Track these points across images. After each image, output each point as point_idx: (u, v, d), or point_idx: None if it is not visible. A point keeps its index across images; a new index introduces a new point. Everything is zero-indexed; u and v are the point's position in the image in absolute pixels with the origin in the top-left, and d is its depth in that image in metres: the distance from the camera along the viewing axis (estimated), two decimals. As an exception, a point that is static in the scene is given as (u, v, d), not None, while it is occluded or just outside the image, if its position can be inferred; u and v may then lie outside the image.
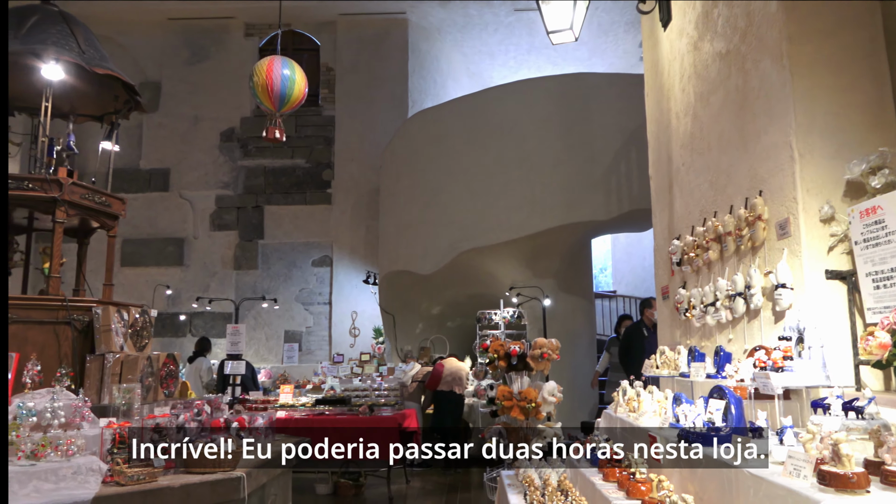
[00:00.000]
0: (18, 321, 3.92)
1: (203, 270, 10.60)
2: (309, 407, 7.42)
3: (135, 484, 3.21)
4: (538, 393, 6.04)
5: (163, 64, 11.08)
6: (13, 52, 4.18)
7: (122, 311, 4.40)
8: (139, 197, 10.52)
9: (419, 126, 9.54)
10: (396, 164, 9.79)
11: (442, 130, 9.03)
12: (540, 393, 6.04)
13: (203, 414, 4.22)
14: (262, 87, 5.58)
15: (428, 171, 9.07)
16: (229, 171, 10.86)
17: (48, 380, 3.71)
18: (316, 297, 10.54)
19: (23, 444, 3.23)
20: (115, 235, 4.83)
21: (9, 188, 4.06)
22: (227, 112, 10.94)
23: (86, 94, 5.00)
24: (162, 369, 4.37)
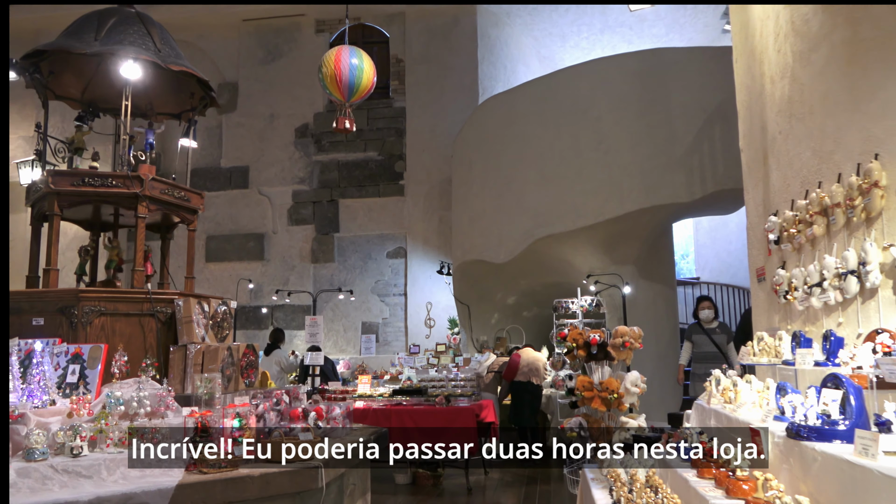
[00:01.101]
0: (106, 313, 4.05)
1: (282, 264, 10.85)
2: (386, 397, 7.43)
3: (216, 472, 3.24)
4: (620, 383, 5.78)
5: (239, 65, 11.40)
6: (93, 53, 4.32)
7: (202, 303, 4.49)
8: (221, 195, 10.88)
9: (490, 112, 9.35)
10: (468, 152, 9.65)
11: (514, 115, 8.82)
12: (622, 383, 5.76)
13: (282, 403, 4.25)
14: (330, 77, 5.58)
15: (501, 157, 8.89)
16: (304, 167, 11.05)
17: (134, 370, 3.81)
18: (391, 288, 10.58)
19: (111, 433, 3.32)
20: (195, 230, 4.94)
21: (94, 185, 4.21)
22: (301, 108, 11.13)
23: (163, 93, 5.14)
24: (242, 359, 4.43)
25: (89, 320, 3.99)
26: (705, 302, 6.93)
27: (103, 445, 3.29)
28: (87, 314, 3.98)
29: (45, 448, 3.09)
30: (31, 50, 4.37)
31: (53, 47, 4.32)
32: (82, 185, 4.21)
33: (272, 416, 4.02)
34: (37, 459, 3.03)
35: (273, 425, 3.93)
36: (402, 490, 7.03)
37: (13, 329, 4.19)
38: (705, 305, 6.86)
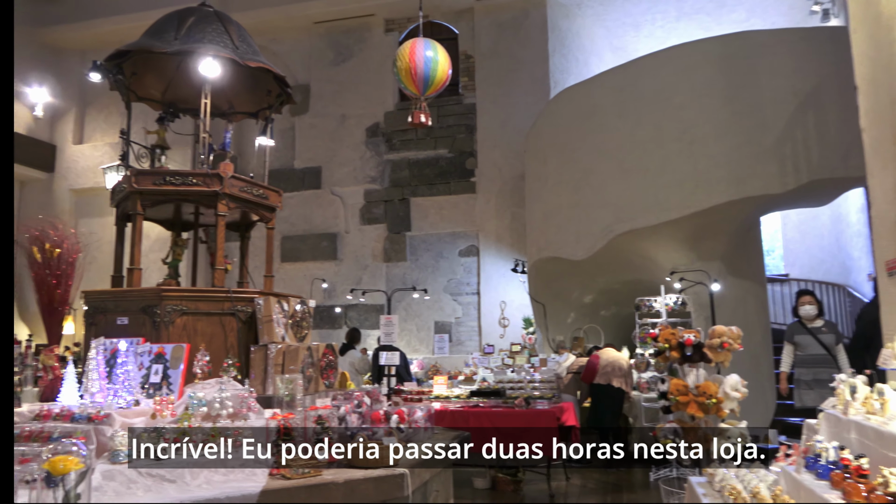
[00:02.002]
0: (188, 312, 4.03)
1: (355, 263, 10.86)
2: (463, 398, 7.23)
3: (300, 478, 3.11)
4: (718, 387, 5.36)
5: (311, 67, 11.50)
6: (173, 52, 4.32)
7: (282, 302, 4.41)
8: (294, 195, 10.99)
9: (565, 105, 9.02)
10: (542, 147, 9.34)
11: (590, 107, 8.45)
12: (721, 387, 5.35)
13: (363, 406, 4.11)
14: (405, 71, 5.43)
15: (577, 151, 8.54)
16: (376, 166, 11.03)
17: (216, 370, 3.76)
18: (464, 287, 10.40)
19: (195, 434, 3.26)
20: (273, 227, 4.89)
21: (175, 184, 4.20)
22: (371, 108, 11.12)
23: (241, 92, 5.13)
24: (322, 360, 4.33)
25: (171, 320, 3.97)
26: (806, 297, 6.16)
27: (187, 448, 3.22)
28: (170, 313, 3.96)
29: (130, 450, 3.05)
30: (114, 51, 4.42)
31: (135, 47, 4.35)
32: (164, 183, 4.21)
33: (354, 419, 3.89)
34: (122, 461, 2.99)
35: (355, 428, 3.80)
36: (481, 495, 6.81)
37: (99, 328, 4.23)
38: (806, 300, 6.10)
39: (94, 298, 4.33)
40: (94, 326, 4.30)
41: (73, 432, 3.18)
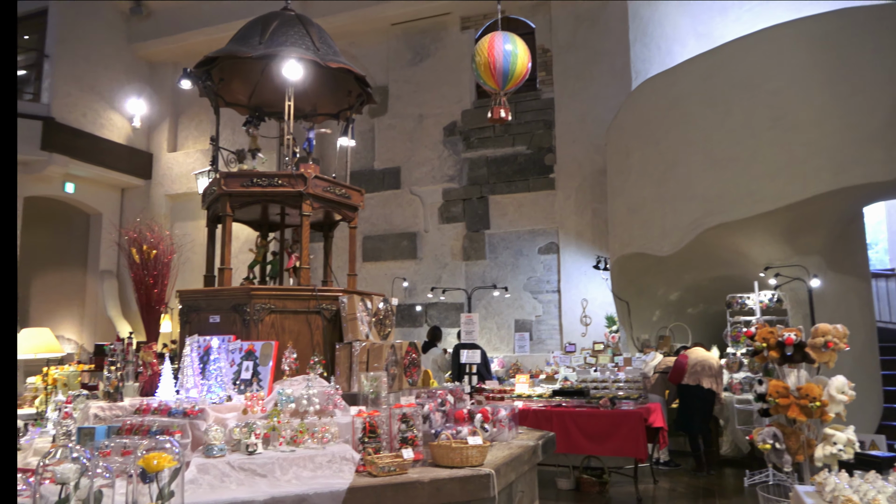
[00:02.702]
0: (276, 311, 4.12)
1: (435, 262, 10.89)
2: (546, 398, 7.10)
3: (386, 476, 3.11)
4: (823, 389, 4.98)
5: (388, 68, 11.63)
6: (258, 57, 4.43)
7: (365, 301, 4.45)
8: (375, 196, 11.15)
9: (648, 95, 8.68)
10: (624, 140, 9.04)
11: (675, 96, 8.09)
12: (825, 389, 4.97)
13: (447, 404, 4.08)
14: (484, 65, 5.36)
15: (661, 142, 8.20)
16: (454, 165, 11.02)
17: (303, 367, 3.82)
18: (544, 285, 10.22)
19: (283, 431, 3.32)
20: (356, 227, 4.94)
21: (262, 185, 4.31)
22: (448, 107, 11.12)
23: (323, 93, 5.21)
24: (405, 358, 4.33)
25: (260, 317, 4.07)
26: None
27: (276, 443, 3.28)
28: (259, 311, 4.07)
29: (223, 444, 3.13)
30: (203, 58, 4.58)
31: (222, 53, 4.50)
32: (251, 185, 4.33)
33: (438, 418, 3.86)
34: (215, 455, 3.07)
35: (439, 427, 3.76)
36: (565, 496, 6.66)
37: (193, 326, 4.41)
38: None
39: (187, 297, 4.51)
40: (188, 324, 4.48)
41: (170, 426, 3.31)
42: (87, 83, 11.91)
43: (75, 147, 11.38)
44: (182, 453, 2.20)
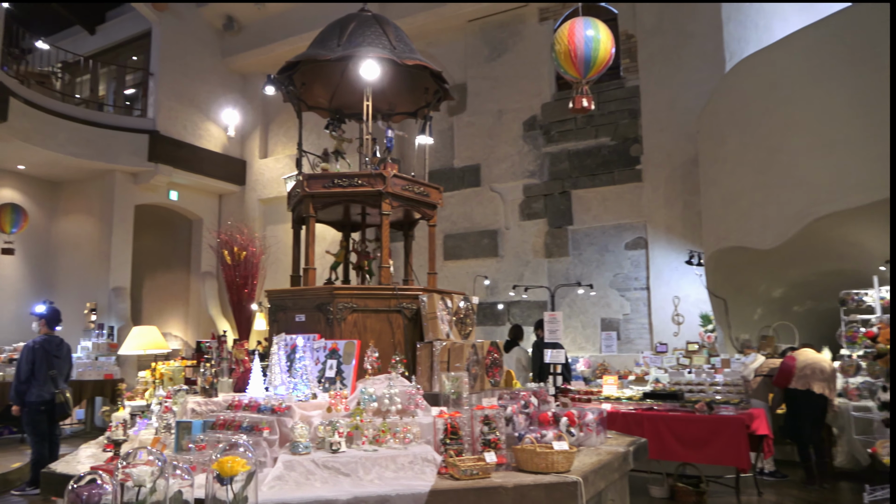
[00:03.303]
0: (358, 310, 4.14)
1: (516, 260, 10.73)
2: (636, 400, 6.80)
3: (468, 479, 3.03)
4: (956, 397, 4.47)
5: (466, 65, 11.57)
6: (336, 59, 4.48)
7: (445, 299, 4.39)
8: (455, 194, 11.12)
9: (744, 77, 8.13)
10: (718, 126, 8.52)
11: (776, 76, 7.52)
12: (959, 397, 4.46)
13: (530, 406, 3.95)
14: (564, 54, 5.17)
15: (761, 126, 7.65)
16: (534, 160, 10.81)
17: (384, 366, 3.81)
18: (632, 282, 9.82)
19: (366, 430, 3.31)
20: (435, 225, 4.90)
21: (343, 185, 4.35)
22: (528, 101, 10.92)
23: (400, 92, 5.21)
24: (486, 357, 4.24)
25: (343, 316, 4.10)
26: None
27: (359, 442, 3.28)
28: (341, 311, 4.10)
29: (308, 442, 3.16)
30: (285, 63, 4.68)
31: (302, 58, 4.57)
32: (332, 186, 4.38)
33: (521, 420, 3.74)
34: (300, 453, 3.10)
35: (523, 430, 3.64)
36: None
37: (280, 325, 4.51)
38: None
39: (275, 297, 4.62)
40: (276, 323, 4.59)
41: (259, 422, 3.38)
42: (186, 97, 12.60)
43: (177, 157, 12.07)
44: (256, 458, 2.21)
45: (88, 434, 9.65)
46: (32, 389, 6.56)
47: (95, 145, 11.01)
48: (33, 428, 6.59)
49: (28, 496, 6.59)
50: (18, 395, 6.55)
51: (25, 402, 6.55)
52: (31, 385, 6.56)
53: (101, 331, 10.84)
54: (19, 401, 6.56)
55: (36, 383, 6.58)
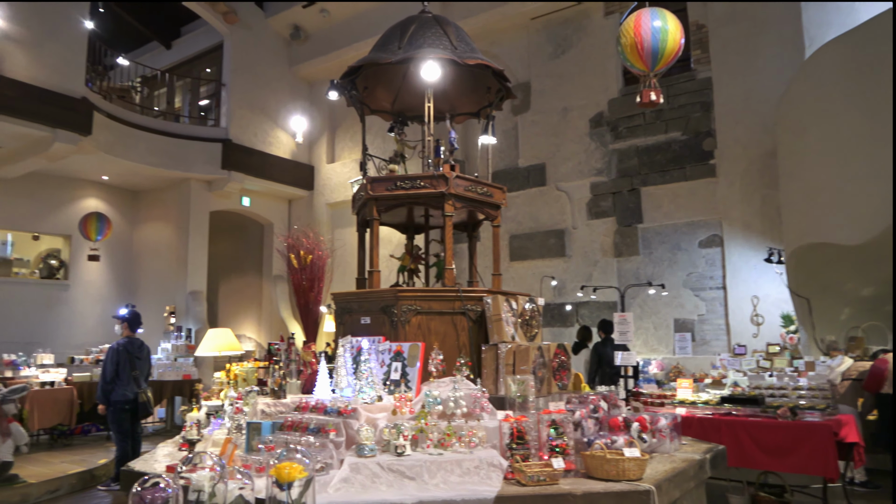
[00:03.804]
0: (422, 312, 4.13)
1: (584, 260, 10.50)
2: (713, 405, 6.50)
3: (535, 485, 2.95)
4: None
5: (530, 64, 11.42)
6: (397, 61, 4.48)
7: (510, 301, 4.32)
8: (520, 194, 11.00)
9: (827, 63, 7.65)
10: (798, 116, 8.05)
11: (862, 59, 7.04)
12: None
13: (600, 411, 3.83)
14: (630, 46, 4.99)
15: (845, 114, 7.18)
16: (601, 157, 10.55)
17: (449, 369, 3.78)
18: (707, 281, 9.42)
19: (431, 433, 3.29)
20: (499, 225, 4.84)
21: (405, 188, 4.35)
22: (594, 97, 10.67)
23: (462, 93, 5.17)
24: (553, 360, 4.14)
25: (407, 319, 4.10)
26: None
27: (424, 445, 3.26)
28: (405, 313, 4.09)
29: (373, 445, 3.16)
30: (347, 69, 4.73)
31: (364, 62, 4.61)
32: (395, 188, 4.39)
33: (590, 425, 3.63)
34: (366, 455, 3.11)
35: (592, 436, 3.53)
36: (739, 515, 6.04)
37: (347, 327, 4.55)
38: None
39: (340, 300, 4.68)
40: (342, 325, 4.65)
41: (326, 424, 3.41)
42: (256, 106, 13.03)
43: (249, 164, 12.49)
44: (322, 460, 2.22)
45: (169, 432, 10.11)
46: (117, 389, 6.91)
47: (172, 155, 11.53)
48: (118, 426, 6.94)
49: (112, 491, 6.95)
50: (104, 394, 6.91)
51: (110, 401, 6.91)
52: (115, 385, 6.91)
53: (180, 333, 11.34)
54: (105, 400, 6.92)
55: (120, 383, 6.93)
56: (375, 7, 12.14)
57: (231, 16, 12.62)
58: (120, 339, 7.19)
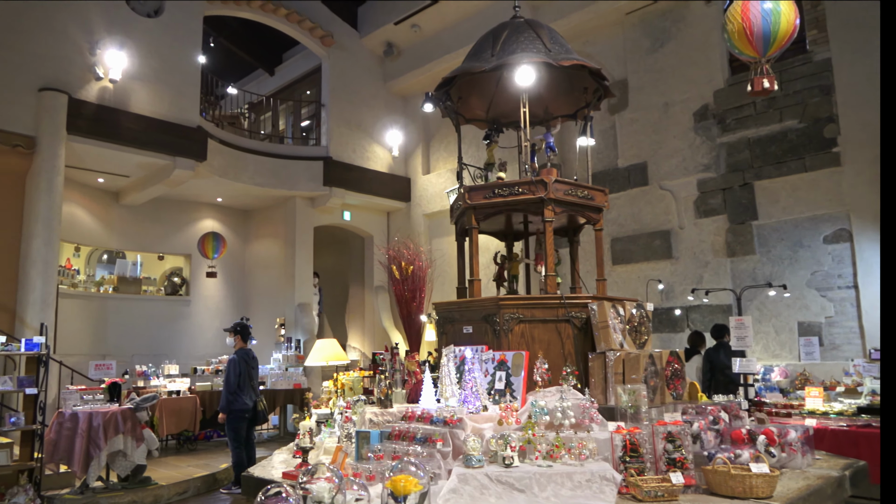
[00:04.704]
0: (525, 320, 4.04)
1: (693, 261, 9.97)
2: (848, 416, 5.93)
3: (652, 501, 2.79)
4: None
5: (626, 60, 11.05)
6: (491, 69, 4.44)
7: (617, 307, 4.15)
8: (621, 195, 10.63)
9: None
10: (934, 94, 7.25)
11: None
12: None
13: (720, 422, 3.58)
14: (738, 32, 4.68)
15: None
16: (708, 152, 9.99)
17: (555, 378, 3.67)
18: (834, 280, 8.65)
19: (539, 444, 3.19)
20: (602, 229, 4.67)
21: (503, 195, 4.29)
22: (697, 90, 10.14)
23: (558, 95, 5.06)
24: (666, 368, 3.92)
25: (510, 327, 4.03)
26: None
27: (532, 457, 3.17)
28: (508, 321, 4.02)
29: (480, 455, 3.11)
30: (441, 80, 4.75)
31: (458, 72, 4.61)
32: (493, 196, 4.34)
33: (710, 438, 3.40)
34: (474, 466, 3.06)
35: (712, 449, 3.30)
36: (884, 537, 5.45)
37: (449, 336, 4.54)
38: None
39: (442, 309, 4.68)
40: (444, 335, 4.64)
41: (433, 434, 3.40)
42: (354, 123, 13.46)
43: (348, 179, 12.92)
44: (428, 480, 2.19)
45: (282, 439, 10.56)
46: (239, 398, 7.30)
47: (278, 175, 12.13)
48: (235, 433, 7.32)
49: (233, 494, 7.33)
50: (228, 403, 7.31)
51: (231, 409, 7.30)
52: (238, 395, 7.30)
53: (290, 343, 11.85)
54: (228, 409, 7.32)
55: (241, 393, 7.31)
56: (464, 18, 12.22)
57: (328, 39, 13.15)
58: (238, 351, 7.58)
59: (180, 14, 10.73)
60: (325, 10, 13.32)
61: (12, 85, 8.69)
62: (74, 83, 9.23)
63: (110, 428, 6.64)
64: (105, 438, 6.54)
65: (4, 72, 8.65)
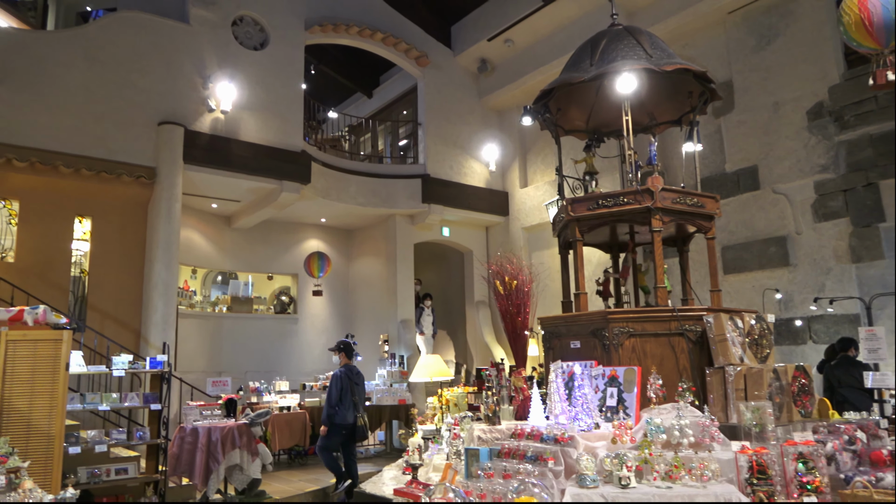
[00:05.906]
0: (635, 334, 3.93)
1: (814, 268, 9.28)
2: None
3: (786, 527, 2.62)
4: None
5: (730, 61, 10.55)
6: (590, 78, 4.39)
7: (735, 319, 3.95)
8: (731, 201, 10.11)
9: None
10: None
11: None
12: None
13: (857, 442, 3.31)
14: (856, 24, 4.37)
15: None
16: (825, 152, 9.32)
17: (670, 394, 3.53)
18: (983, 285, 7.80)
19: (656, 464, 3.08)
20: (713, 237, 4.47)
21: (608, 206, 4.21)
22: (810, 87, 9.50)
23: (661, 101, 4.92)
24: (792, 384, 3.68)
25: (620, 342, 3.93)
26: None
27: (650, 477, 3.06)
28: (617, 336, 3.93)
29: (594, 475, 3.04)
30: (539, 92, 4.75)
31: (556, 84, 4.59)
32: (597, 207, 4.27)
33: (846, 459, 3.15)
34: (588, 486, 3.00)
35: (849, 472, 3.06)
36: None
37: (556, 352, 4.49)
38: None
39: (548, 324, 4.64)
40: (551, 350, 4.59)
41: (544, 452, 3.37)
42: (450, 140, 13.68)
43: (446, 196, 13.12)
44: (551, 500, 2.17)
45: (389, 454, 10.76)
46: (339, 412, 7.52)
47: (378, 194, 12.52)
48: (325, 443, 7.49)
49: (344, 502, 7.54)
50: (329, 417, 7.55)
51: (332, 423, 7.53)
52: (338, 409, 7.53)
53: (394, 360, 12.11)
54: (329, 423, 7.55)
55: (342, 407, 7.53)
56: (557, 30, 12.14)
57: (423, 59, 13.48)
58: (342, 367, 7.83)
59: (284, 45, 11.38)
60: (419, 32, 13.68)
61: (136, 121, 9.53)
62: (190, 116, 9.99)
63: (228, 442, 6.96)
64: (223, 452, 6.85)
65: (129, 109, 9.50)
